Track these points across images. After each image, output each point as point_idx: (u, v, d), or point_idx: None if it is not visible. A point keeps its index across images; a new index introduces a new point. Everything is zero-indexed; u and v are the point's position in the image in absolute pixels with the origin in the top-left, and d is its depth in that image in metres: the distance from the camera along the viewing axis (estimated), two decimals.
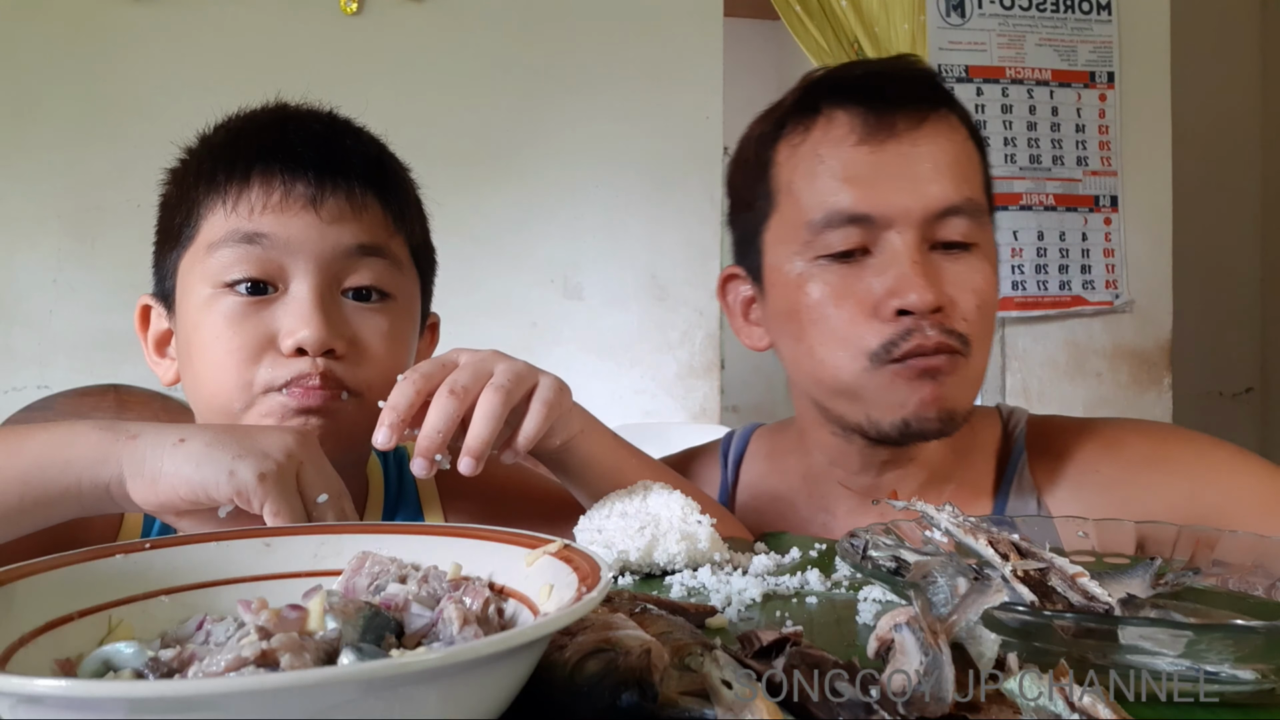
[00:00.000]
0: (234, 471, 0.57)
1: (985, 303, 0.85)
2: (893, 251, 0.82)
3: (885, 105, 0.83)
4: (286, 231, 0.73)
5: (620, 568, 0.70)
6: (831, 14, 2.71)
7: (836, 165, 0.84)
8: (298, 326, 0.72)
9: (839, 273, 0.84)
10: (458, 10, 2.52)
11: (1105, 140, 2.82)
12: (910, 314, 0.81)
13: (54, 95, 2.32)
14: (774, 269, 0.89)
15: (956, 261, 0.84)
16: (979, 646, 0.41)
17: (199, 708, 0.29)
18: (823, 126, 0.85)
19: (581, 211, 2.58)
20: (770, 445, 1.04)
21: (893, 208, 0.82)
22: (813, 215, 0.84)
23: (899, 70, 0.88)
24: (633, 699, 0.36)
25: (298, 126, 0.78)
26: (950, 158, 0.84)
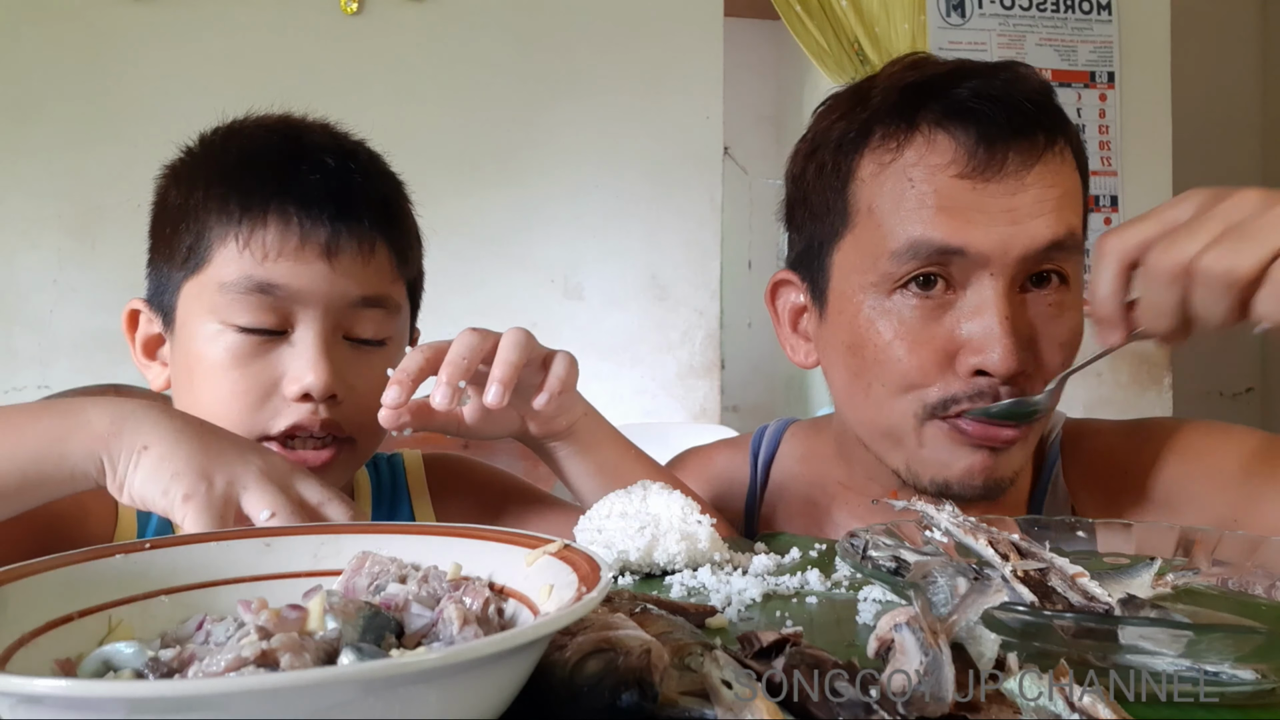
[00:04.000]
0: (166, 490, 0.57)
1: (1069, 358, 0.78)
2: (983, 297, 0.75)
3: (997, 138, 0.75)
4: (299, 281, 0.74)
5: (620, 568, 0.70)
6: (831, 14, 2.71)
7: (930, 193, 0.75)
8: (304, 373, 0.73)
9: (916, 311, 0.77)
10: (458, 11, 2.52)
11: (1105, 140, 2.82)
12: (987, 375, 0.75)
13: (54, 95, 2.32)
14: (841, 295, 0.81)
15: (1047, 301, 0.77)
16: (979, 646, 0.41)
17: (199, 708, 0.29)
18: (919, 148, 0.76)
19: (581, 212, 2.58)
20: (805, 448, 0.99)
21: (990, 244, 0.74)
22: (896, 244, 0.76)
23: (1013, 92, 0.77)
24: (633, 699, 0.36)
25: (314, 162, 0.76)
26: (1058, 198, 0.76)
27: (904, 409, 0.78)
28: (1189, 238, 0.57)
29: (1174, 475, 0.84)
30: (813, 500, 0.94)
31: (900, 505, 0.63)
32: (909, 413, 0.78)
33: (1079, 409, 2.69)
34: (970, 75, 0.78)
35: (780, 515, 0.96)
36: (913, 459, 0.79)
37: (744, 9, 3.12)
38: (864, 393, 0.80)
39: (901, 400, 0.78)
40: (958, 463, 0.77)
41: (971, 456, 0.77)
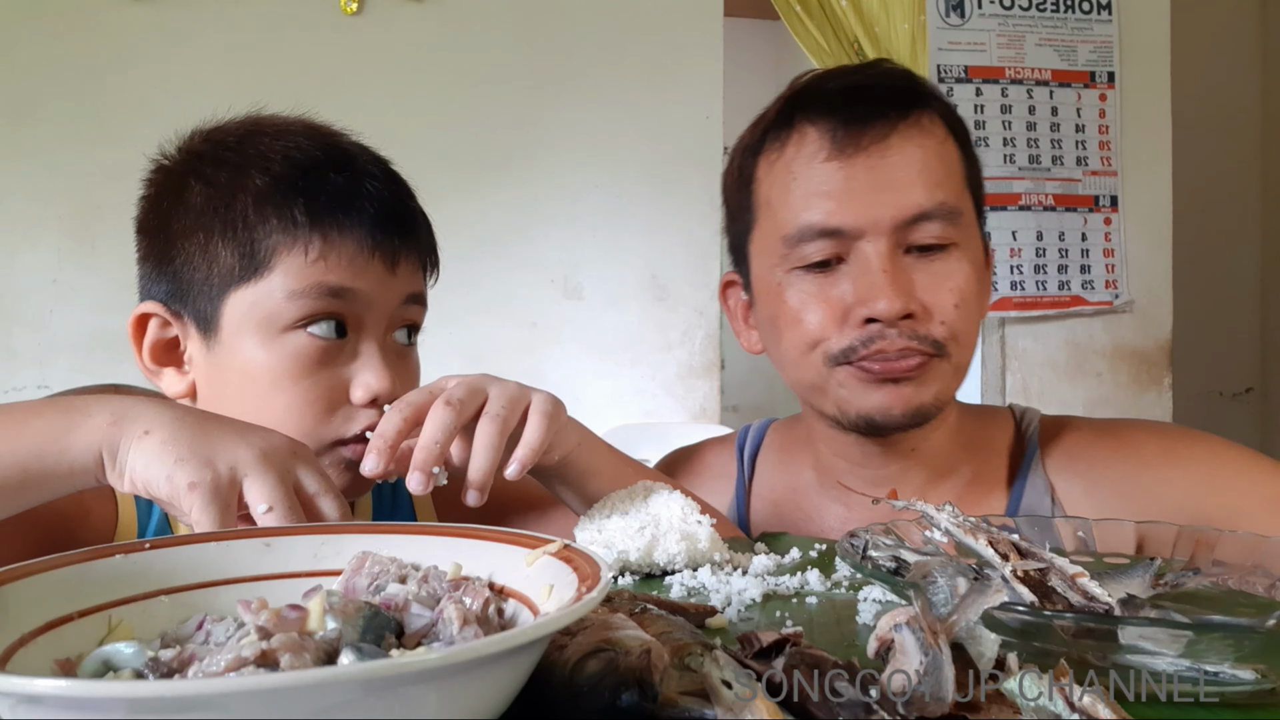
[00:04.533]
0: (170, 476, 0.57)
1: (965, 300, 0.86)
2: (864, 261, 0.85)
3: (854, 119, 0.85)
4: (368, 288, 0.77)
5: (620, 568, 0.70)
6: (831, 14, 2.71)
7: (807, 181, 0.86)
8: (374, 380, 0.76)
9: (815, 281, 0.87)
10: (458, 10, 2.52)
11: (1105, 140, 2.81)
12: (878, 321, 0.83)
13: (54, 95, 2.32)
14: (759, 278, 0.93)
15: (932, 263, 0.86)
16: (979, 646, 0.41)
17: (199, 708, 0.29)
18: (796, 142, 0.88)
19: (581, 211, 2.58)
20: (784, 439, 1.06)
21: (862, 219, 0.84)
22: (788, 230, 0.87)
23: (870, 80, 0.89)
24: (633, 699, 0.36)
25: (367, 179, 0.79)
26: (920, 164, 0.85)
27: (816, 362, 0.88)
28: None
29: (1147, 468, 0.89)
30: (793, 488, 1.01)
31: (900, 505, 0.63)
32: (820, 364, 0.87)
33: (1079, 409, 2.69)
34: (837, 75, 0.91)
35: (766, 506, 1.02)
36: (836, 400, 0.88)
37: (744, 9, 3.12)
38: (785, 357, 0.91)
39: (812, 355, 0.88)
40: (872, 396, 0.86)
41: (880, 390, 0.85)
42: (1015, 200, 2.77)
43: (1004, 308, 2.76)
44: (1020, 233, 2.77)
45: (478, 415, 0.69)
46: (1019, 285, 2.78)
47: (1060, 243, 2.80)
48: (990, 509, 0.93)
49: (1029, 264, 2.78)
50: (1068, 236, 2.80)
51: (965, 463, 0.95)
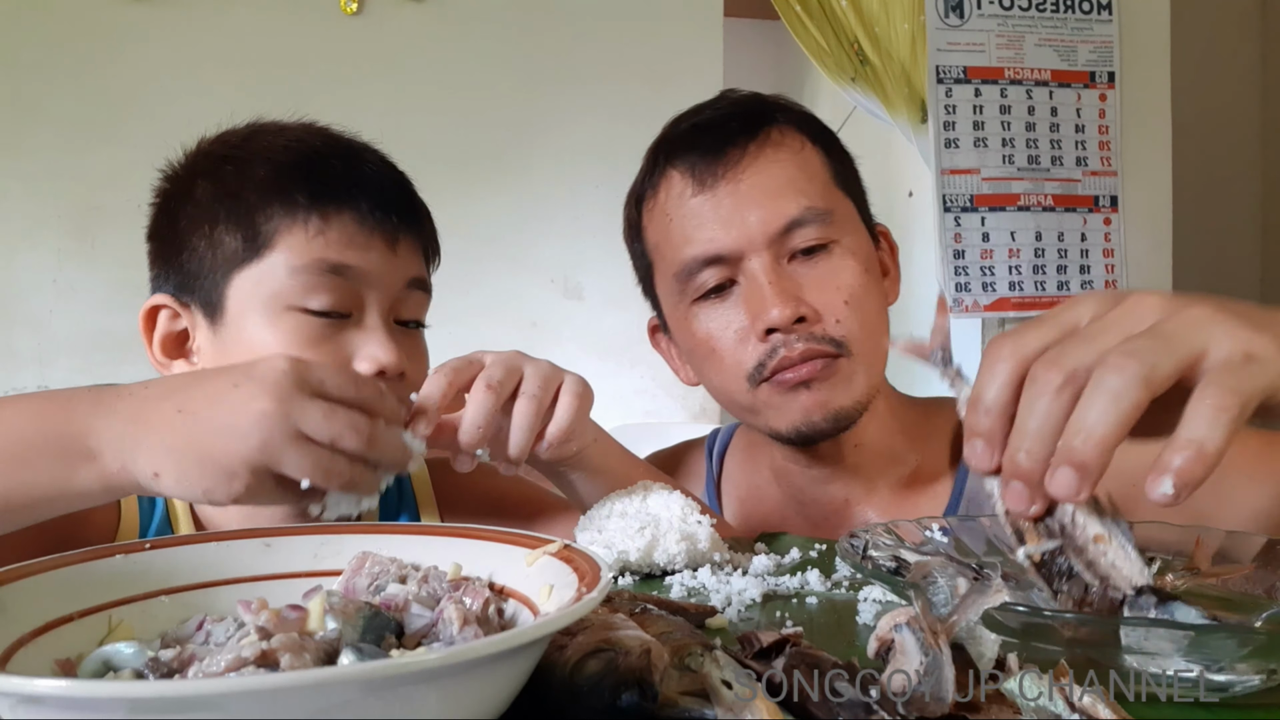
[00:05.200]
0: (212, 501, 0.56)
1: (854, 296, 0.89)
2: (752, 277, 0.88)
3: (708, 152, 0.90)
4: (369, 265, 0.78)
5: (620, 568, 0.70)
6: (831, 14, 2.70)
7: (682, 220, 0.91)
8: (378, 353, 0.76)
9: (714, 308, 0.91)
10: (458, 10, 2.52)
11: (1105, 140, 2.81)
12: (777, 331, 0.86)
13: (54, 95, 2.32)
14: (670, 316, 0.98)
15: (816, 265, 0.89)
16: (979, 646, 0.41)
17: (199, 708, 0.29)
18: (665, 186, 0.93)
19: (581, 211, 2.58)
20: (748, 440, 1.09)
21: (738, 241, 0.88)
22: (677, 267, 0.92)
23: (718, 113, 0.94)
24: (633, 699, 0.36)
25: (367, 164, 0.83)
26: (781, 178, 0.89)
27: (739, 386, 0.90)
28: (1085, 345, 0.46)
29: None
30: (756, 485, 1.05)
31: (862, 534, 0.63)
32: (742, 387, 0.90)
33: None
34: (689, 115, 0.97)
35: (733, 504, 1.06)
36: (766, 420, 0.91)
37: (744, 9, 3.12)
38: (710, 383, 0.96)
39: (733, 379, 0.91)
40: (793, 408, 0.88)
41: (798, 399, 0.88)
42: (1014, 200, 2.76)
43: (1003, 308, 2.76)
44: (1019, 233, 2.77)
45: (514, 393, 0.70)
46: (1018, 285, 2.77)
47: (1060, 243, 2.80)
48: (936, 496, 0.96)
49: (1028, 264, 2.78)
50: (1067, 237, 2.80)
51: (910, 452, 0.98)
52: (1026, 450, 0.45)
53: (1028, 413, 0.45)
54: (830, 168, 0.93)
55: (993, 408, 0.48)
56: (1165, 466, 0.41)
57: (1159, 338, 0.44)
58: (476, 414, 0.67)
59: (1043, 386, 0.45)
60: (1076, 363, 0.45)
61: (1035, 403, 0.45)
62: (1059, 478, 0.43)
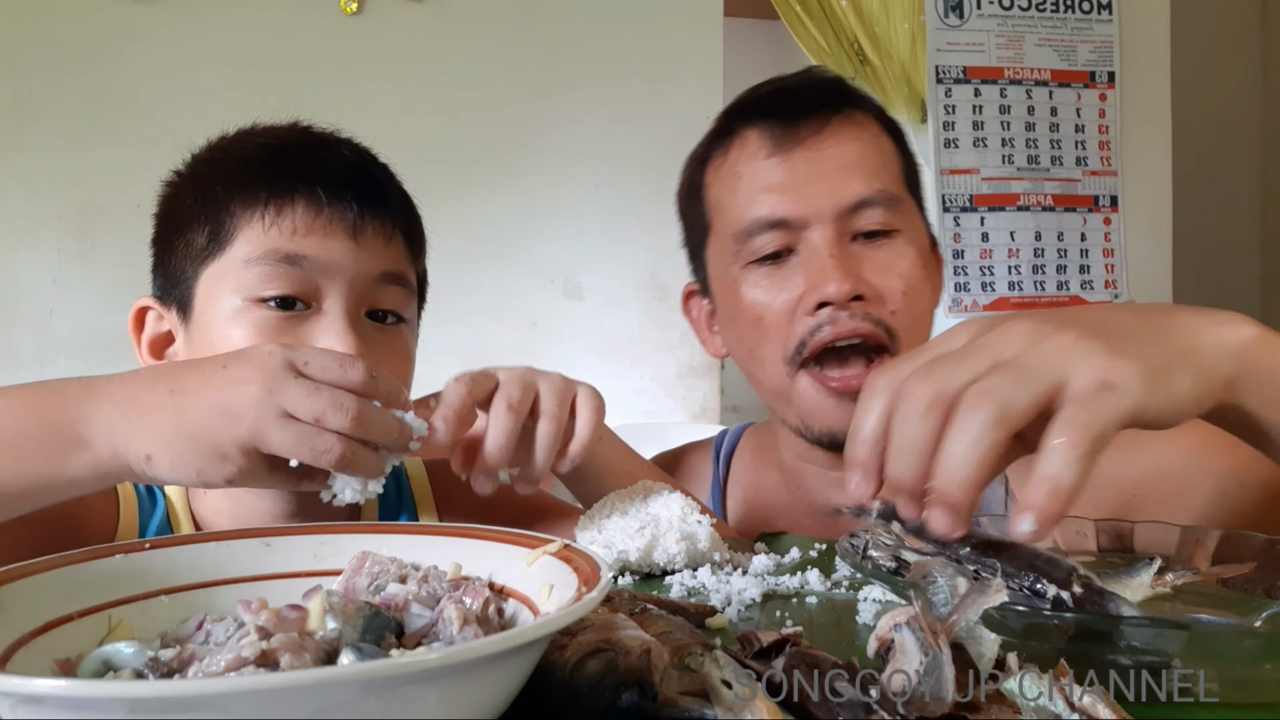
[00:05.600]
0: (206, 483, 0.56)
1: (912, 286, 0.88)
2: (813, 248, 0.87)
3: (789, 117, 0.90)
4: (327, 255, 0.76)
5: (620, 568, 0.70)
6: (831, 14, 2.70)
7: (752, 178, 0.90)
8: (334, 344, 0.74)
9: (768, 274, 0.90)
10: (458, 10, 2.52)
11: (1105, 140, 2.81)
12: (831, 305, 0.85)
13: (54, 95, 2.32)
14: (716, 278, 0.96)
15: (879, 249, 0.88)
16: (979, 646, 0.41)
17: (199, 708, 0.29)
18: (738, 146, 0.93)
19: (581, 211, 2.58)
20: (756, 442, 1.08)
21: (806, 208, 0.87)
22: (738, 227, 0.90)
23: (801, 83, 0.94)
24: (633, 699, 0.36)
25: (333, 153, 0.81)
26: (857, 155, 0.89)
27: (777, 363, 0.89)
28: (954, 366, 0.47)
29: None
30: (762, 487, 1.04)
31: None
32: (781, 366, 0.88)
33: None
34: (770, 83, 0.96)
35: (738, 506, 1.05)
36: (800, 413, 0.89)
37: (744, 9, 3.11)
38: (750, 354, 0.93)
39: (773, 352, 0.89)
40: (833, 414, 0.87)
41: (842, 407, 0.86)
42: (1014, 200, 2.77)
43: (1003, 308, 2.76)
44: (1019, 233, 2.77)
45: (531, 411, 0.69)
46: (1018, 285, 2.77)
47: (1059, 243, 2.80)
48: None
49: (1028, 264, 2.78)
50: (1067, 237, 2.80)
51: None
52: (904, 466, 0.46)
53: (899, 432, 0.47)
54: (901, 163, 0.94)
55: (868, 438, 0.49)
56: (1025, 504, 0.43)
57: (1016, 372, 0.45)
58: (498, 436, 0.66)
59: (911, 405, 0.46)
60: (942, 383, 0.46)
61: (904, 422, 0.47)
62: (935, 518, 0.45)
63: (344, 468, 0.56)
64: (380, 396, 0.58)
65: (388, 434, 0.57)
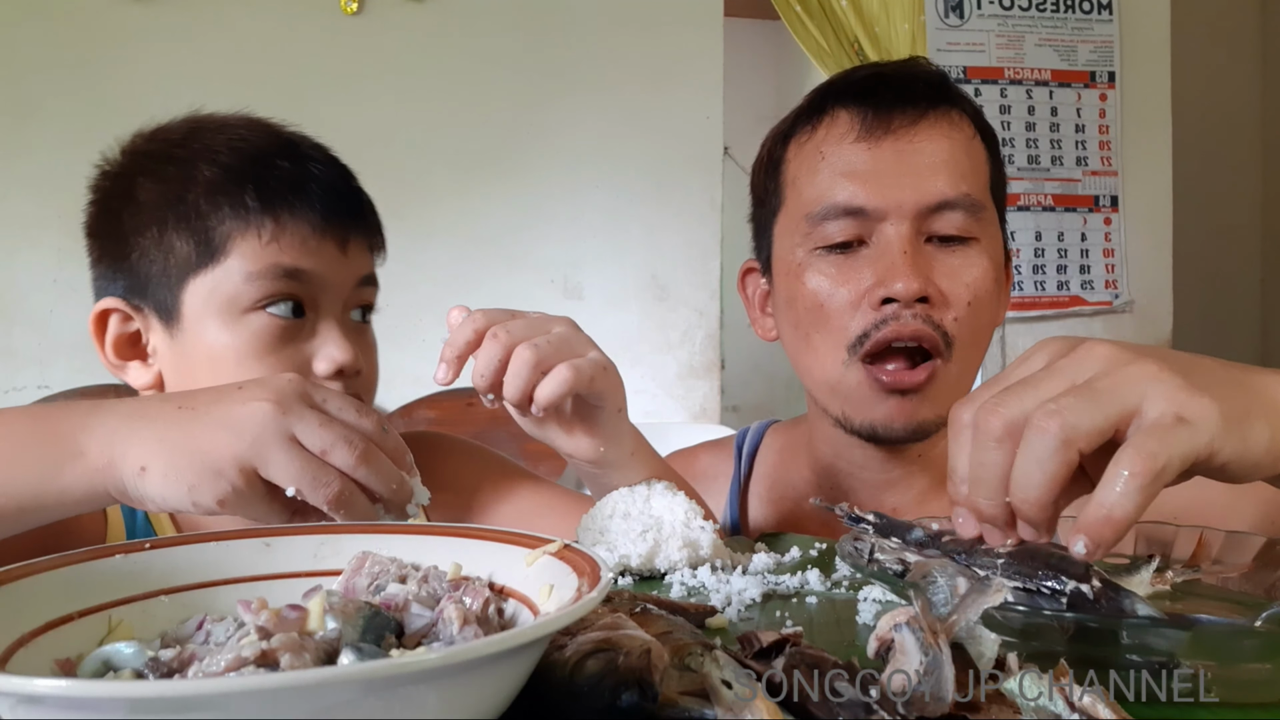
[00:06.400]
0: (195, 503, 0.55)
1: (979, 297, 0.86)
2: (886, 242, 0.85)
3: (884, 104, 0.86)
4: (322, 268, 0.80)
5: (621, 569, 0.70)
6: (832, 14, 2.70)
7: (836, 161, 0.87)
8: (336, 353, 0.78)
9: (835, 263, 0.87)
10: (458, 10, 2.52)
11: (1105, 140, 2.81)
12: (896, 302, 0.83)
13: (54, 95, 2.32)
14: (780, 259, 0.93)
15: (953, 255, 0.86)
16: (979, 646, 0.41)
17: (199, 708, 0.29)
18: (827, 125, 0.89)
19: (581, 211, 2.58)
20: (784, 440, 1.06)
21: (886, 201, 0.85)
22: (812, 208, 0.88)
23: (903, 71, 0.91)
24: (633, 699, 0.36)
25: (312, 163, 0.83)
26: (947, 154, 0.86)
27: (834, 352, 0.87)
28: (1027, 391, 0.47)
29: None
30: (792, 486, 1.01)
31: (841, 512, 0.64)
32: (838, 356, 0.87)
33: None
34: (871, 66, 0.94)
35: (763, 505, 1.03)
36: (846, 405, 0.88)
37: (744, 9, 3.11)
38: (804, 341, 0.90)
39: (830, 340, 0.87)
40: (878, 408, 0.86)
41: (888, 402, 0.85)
42: (1014, 200, 2.76)
43: None
44: (1019, 233, 2.77)
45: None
46: (1018, 285, 2.77)
47: (1060, 243, 2.80)
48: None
49: (1028, 264, 2.78)
50: (1067, 236, 2.80)
51: None
52: (983, 497, 0.47)
53: (976, 463, 0.48)
54: (990, 170, 0.91)
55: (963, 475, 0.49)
56: (1081, 526, 0.43)
57: (1089, 395, 0.45)
58: (480, 361, 0.69)
59: (984, 435, 0.47)
60: (1015, 411, 0.46)
61: (980, 455, 0.47)
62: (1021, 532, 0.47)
63: (339, 507, 0.55)
64: (387, 451, 0.58)
65: (388, 484, 0.56)
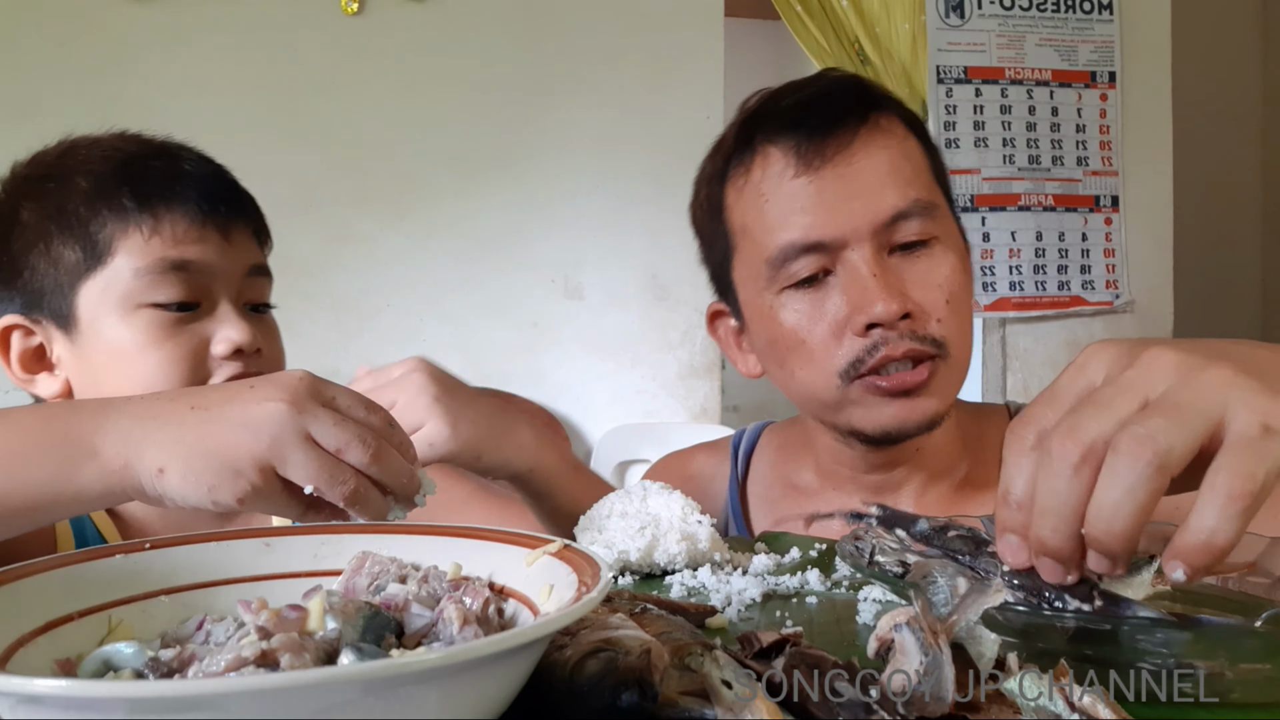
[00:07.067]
0: (215, 502, 0.55)
1: (954, 295, 0.86)
2: (853, 269, 0.84)
3: (815, 132, 0.85)
4: (207, 257, 0.83)
5: (620, 568, 0.70)
6: (832, 14, 2.70)
7: (781, 200, 0.86)
8: (233, 334, 0.82)
9: (807, 298, 0.86)
10: (458, 10, 2.52)
11: (1106, 140, 2.81)
12: (880, 326, 0.83)
13: (54, 95, 2.32)
14: (748, 304, 0.92)
15: (918, 261, 0.86)
16: (979, 646, 0.41)
17: (199, 708, 0.29)
18: (760, 164, 0.88)
19: (582, 211, 2.58)
20: (781, 440, 1.06)
21: (842, 229, 0.84)
22: (770, 253, 0.86)
23: (822, 91, 0.90)
24: (633, 699, 0.36)
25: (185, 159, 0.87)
26: (888, 165, 0.86)
27: (825, 382, 0.86)
28: (1100, 413, 0.43)
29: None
30: (793, 486, 1.01)
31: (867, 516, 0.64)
32: (831, 384, 0.86)
33: None
34: (788, 91, 0.91)
35: (762, 505, 1.03)
36: (850, 417, 0.87)
37: (744, 9, 3.12)
38: (791, 378, 0.90)
39: (820, 375, 0.86)
40: (886, 411, 0.85)
41: (895, 404, 0.85)
42: (1015, 200, 2.76)
43: (1004, 308, 2.76)
44: (1020, 233, 2.77)
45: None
46: (1019, 285, 2.77)
47: (1060, 243, 2.80)
48: (983, 501, 0.94)
49: (1029, 264, 2.78)
50: (1068, 236, 2.80)
51: (961, 463, 0.96)
52: (1052, 529, 0.43)
53: (1047, 493, 0.43)
54: (929, 161, 0.91)
55: (1023, 501, 0.45)
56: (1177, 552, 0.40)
57: (1175, 414, 0.41)
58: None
59: (1060, 464, 0.43)
60: (1093, 435, 0.42)
61: (1054, 483, 0.43)
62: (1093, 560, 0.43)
63: (353, 503, 0.55)
64: (395, 445, 0.58)
65: (399, 478, 0.57)
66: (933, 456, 0.93)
